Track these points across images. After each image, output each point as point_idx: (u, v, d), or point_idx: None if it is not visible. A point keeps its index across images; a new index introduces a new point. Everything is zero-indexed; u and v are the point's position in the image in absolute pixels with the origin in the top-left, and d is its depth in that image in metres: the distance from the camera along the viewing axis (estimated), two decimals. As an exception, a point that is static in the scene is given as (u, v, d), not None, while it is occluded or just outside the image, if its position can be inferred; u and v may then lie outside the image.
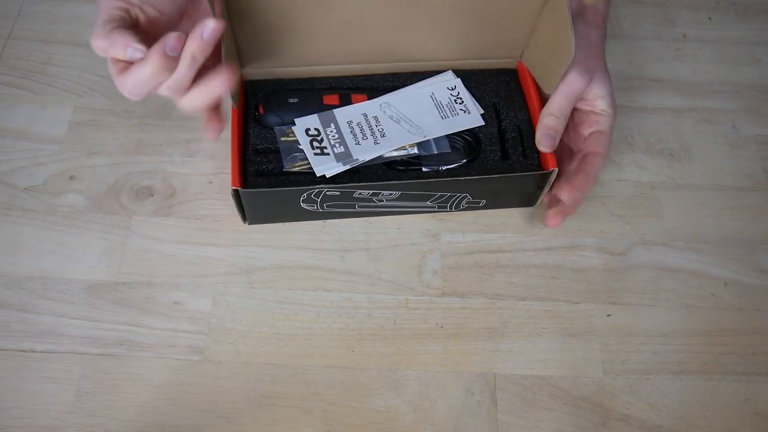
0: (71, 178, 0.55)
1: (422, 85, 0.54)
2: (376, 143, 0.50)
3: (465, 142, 0.52)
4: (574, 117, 0.52)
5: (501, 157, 0.52)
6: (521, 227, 0.55)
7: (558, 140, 0.49)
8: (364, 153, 0.50)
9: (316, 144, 0.50)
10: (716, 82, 0.64)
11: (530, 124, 0.53)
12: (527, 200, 0.55)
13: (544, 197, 0.54)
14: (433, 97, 0.54)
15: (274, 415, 0.46)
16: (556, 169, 0.49)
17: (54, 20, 0.64)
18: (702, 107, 0.62)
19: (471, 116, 0.53)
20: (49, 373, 0.47)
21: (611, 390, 0.48)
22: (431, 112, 0.53)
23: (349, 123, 0.51)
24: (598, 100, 0.51)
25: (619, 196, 0.57)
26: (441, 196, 0.52)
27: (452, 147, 0.52)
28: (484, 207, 0.55)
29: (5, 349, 0.48)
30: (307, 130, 0.51)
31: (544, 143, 0.49)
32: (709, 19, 0.69)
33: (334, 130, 0.51)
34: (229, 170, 0.48)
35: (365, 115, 0.52)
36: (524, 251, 0.54)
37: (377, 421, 0.47)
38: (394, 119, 0.52)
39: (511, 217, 0.55)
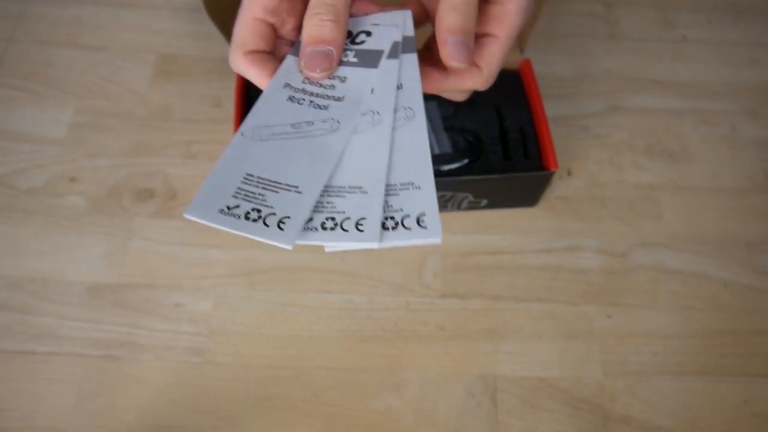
0: (72, 179, 0.55)
1: None
2: None
3: (467, 142, 0.52)
4: None
5: (503, 157, 0.52)
6: (521, 229, 0.55)
7: (473, 47, 0.33)
8: None
9: None
10: (716, 83, 0.64)
11: (532, 125, 0.54)
12: (529, 200, 0.55)
13: (545, 198, 0.54)
14: None
15: (275, 416, 0.46)
16: (558, 170, 0.50)
17: (55, 22, 0.64)
18: (702, 108, 0.62)
19: None
20: (50, 375, 0.47)
21: (611, 391, 0.48)
22: None
23: None
24: None
25: (619, 197, 0.57)
26: (442, 196, 0.52)
27: (454, 147, 0.52)
28: (486, 207, 0.55)
29: (6, 351, 0.48)
30: None
31: (456, 57, 0.32)
32: (709, 20, 0.69)
33: None
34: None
35: None
36: (524, 253, 0.54)
37: (378, 422, 0.47)
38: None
39: (511, 218, 0.55)
